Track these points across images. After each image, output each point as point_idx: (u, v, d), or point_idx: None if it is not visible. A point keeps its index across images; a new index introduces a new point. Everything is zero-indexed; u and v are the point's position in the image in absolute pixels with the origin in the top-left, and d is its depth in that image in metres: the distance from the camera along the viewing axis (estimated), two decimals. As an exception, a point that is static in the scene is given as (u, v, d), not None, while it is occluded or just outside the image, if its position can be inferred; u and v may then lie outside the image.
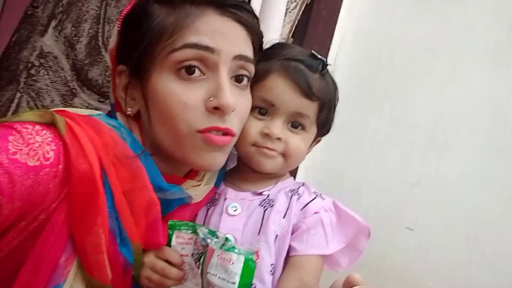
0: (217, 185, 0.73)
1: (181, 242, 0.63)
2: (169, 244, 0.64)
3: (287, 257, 0.66)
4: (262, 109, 0.69)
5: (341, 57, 1.19)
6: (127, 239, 0.59)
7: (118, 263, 0.59)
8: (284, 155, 0.69)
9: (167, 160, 0.64)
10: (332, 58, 1.17)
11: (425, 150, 1.10)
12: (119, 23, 0.64)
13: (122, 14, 0.64)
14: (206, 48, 0.58)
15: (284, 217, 0.67)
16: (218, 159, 0.63)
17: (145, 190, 0.60)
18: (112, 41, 0.65)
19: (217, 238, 0.61)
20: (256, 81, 0.67)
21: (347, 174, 1.16)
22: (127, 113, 0.63)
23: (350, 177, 1.15)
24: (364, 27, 1.20)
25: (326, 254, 0.67)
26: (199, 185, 0.69)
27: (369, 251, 0.71)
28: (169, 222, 0.63)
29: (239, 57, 0.61)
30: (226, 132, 0.61)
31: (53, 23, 1.20)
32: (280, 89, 0.67)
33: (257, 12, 0.93)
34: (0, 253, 0.53)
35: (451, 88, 1.10)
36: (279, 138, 0.68)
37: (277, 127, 0.68)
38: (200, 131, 0.60)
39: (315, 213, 0.67)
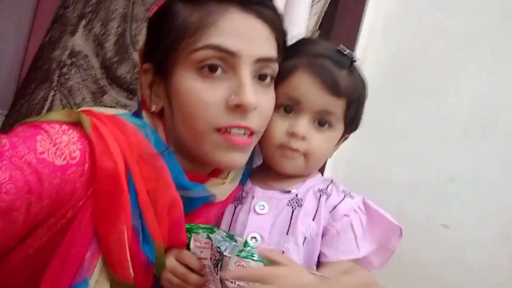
0: (243, 183, 0.73)
1: (198, 246, 0.62)
2: (188, 247, 0.63)
3: (318, 262, 0.65)
4: (287, 106, 0.67)
5: (370, 50, 1.15)
6: (149, 237, 0.60)
7: (140, 261, 0.59)
8: (305, 155, 0.68)
9: (190, 157, 0.64)
10: (360, 51, 1.13)
11: (460, 145, 1.05)
12: (148, 22, 0.65)
13: (150, 13, 0.65)
14: (228, 51, 0.58)
15: (313, 219, 0.66)
16: (239, 159, 0.63)
17: (168, 189, 0.60)
18: (142, 40, 0.66)
19: (235, 242, 0.60)
20: (281, 79, 0.66)
21: (378, 169, 1.12)
22: (152, 110, 0.64)
23: (381, 172, 1.12)
24: (394, 18, 1.16)
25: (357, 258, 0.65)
26: (223, 183, 0.69)
27: (402, 248, 0.68)
28: (186, 226, 0.63)
29: (261, 59, 0.61)
30: (247, 131, 0.61)
31: (83, 23, 1.24)
32: (306, 86, 0.66)
33: (282, 5, 0.92)
34: (30, 249, 0.55)
35: (488, 80, 1.05)
36: (303, 137, 0.66)
37: (302, 125, 0.66)
38: (221, 130, 0.60)
39: (345, 215, 0.66)
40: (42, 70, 1.23)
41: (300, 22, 0.92)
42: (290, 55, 0.67)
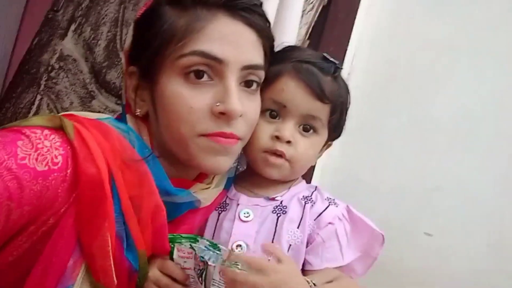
0: (227, 188, 0.72)
1: (182, 256, 0.62)
2: (171, 257, 0.63)
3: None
4: (273, 111, 0.68)
5: (358, 59, 1.17)
6: (133, 245, 0.59)
7: (124, 268, 0.58)
8: (290, 160, 0.68)
9: (175, 162, 0.64)
10: (349, 60, 1.15)
11: (445, 154, 1.07)
12: (134, 24, 0.64)
13: (137, 15, 0.64)
14: (214, 59, 0.58)
15: (298, 227, 0.66)
16: (224, 162, 0.63)
17: (152, 195, 0.59)
18: (128, 42, 0.66)
19: (219, 251, 0.59)
20: (267, 84, 0.66)
21: (364, 177, 1.14)
22: (136, 113, 0.63)
23: (367, 180, 1.13)
24: (382, 28, 1.18)
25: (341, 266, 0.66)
26: (208, 188, 0.68)
27: (387, 256, 0.69)
28: (169, 236, 0.62)
29: (248, 67, 0.61)
30: (232, 137, 0.61)
31: (72, 27, 1.23)
32: (291, 90, 0.66)
33: (273, 15, 0.93)
34: (10, 257, 0.54)
35: (473, 90, 1.07)
36: (289, 142, 0.67)
37: (288, 129, 0.67)
38: (205, 136, 0.59)
39: (329, 223, 0.66)
40: (29, 73, 1.21)
41: (290, 32, 0.93)
42: (276, 61, 0.67)
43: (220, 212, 0.70)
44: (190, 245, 0.61)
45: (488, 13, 1.08)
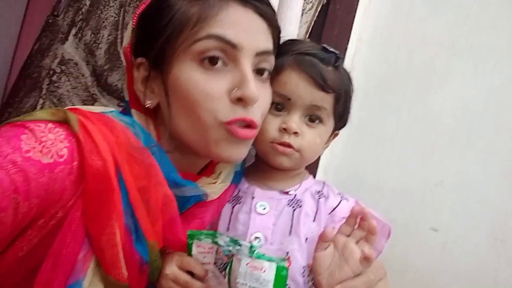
0: (235, 182, 0.73)
1: (201, 252, 0.62)
2: (189, 254, 0.62)
3: None
4: (278, 104, 0.69)
5: (358, 58, 1.18)
6: (142, 236, 0.59)
7: (134, 260, 0.58)
8: (299, 150, 0.69)
9: (183, 155, 0.64)
10: (349, 59, 1.16)
11: (447, 150, 1.07)
12: (135, 19, 0.64)
13: (138, 12, 0.65)
14: (229, 43, 0.58)
15: (314, 220, 0.68)
16: (241, 152, 0.63)
17: (160, 186, 0.59)
18: (126, 39, 0.66)
19: (240, 246, 0.60)
20: (270, 77, 0.67)
21: (367, 174, 1.14)
22: (146, 106, 0.62)
23: (370, 177, 1.13)
24: (381, 27, 1.18)
25: None
26: (214, 182, 0.69)
27: (392, 252, 0.69)
28: (187, 232, 0.62)
29: (262, 53, 0.62)
30: (250, 124, 0.61)
31: (73, 31, 1.23)
32: (294, 82, 0.67)
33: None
34: (20, 252, 0.54)
35: (472, 86, 1.08)
36: (296, 133, 0.68)
37: (294, 121, 0.68)
38: (226, 123, 0.59)
39: (343, 217, 0.67)
40: (31, 78, 1.22)
41: (291, 31, 0.93)
42: (278, 55, 0.68)
43: (234, 205, 0.71)
44: (212, 240, 0.61)
45: (486, 10, 1.09)
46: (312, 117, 0.69)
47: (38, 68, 1.21)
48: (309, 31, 1.08)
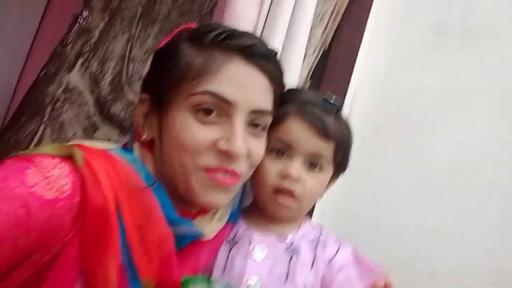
0: (232, 221, 0.73)
1: None
2: None
3: None
4: (280, 150, 0.70)
5: (357, 102, 1.21)
6: (137, 274, 0.58)
7: None
8: (299, 199, 0.70)
9: (175, 193, 0.64)
10: (348, 103, 1.19)
11: (443, 195, 1.09)
12: (154, 54, 0.67)
13: (159, 45, 0.67)
14: (224, 100, 0.60)
15: (311, 269, 0.68)
16: (222, 199, 0.64)
17: (158, 224, 0.60)
18: (146, 72, 0.68)
19: None
20: (273, 124, 0.69)
21: (364, 218, 1.14)
22: (143, 138, 0.64)
23: (367, 221, 1.13)
24: (380, 73, 1.22)
25: None
26: (211, 221, 0.69)
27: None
28: (183, 278, 0.61)
29: (256, 111, 0.63)
30: (232, 174, 0.62)
31: (80, 60, 1.26)
32: (297, 131, 0.69)
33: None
34: (10, 286, 0.53)
35: (468, 135, 1.10)
36: (296, 179, 0.69)
37: (295, 167, 0.69)
38: (206, 169, 0.61)
39: (340, 268, 0.68)
40: (34, 104, 1.23)
41: (293, 74, 0.96)
42: (282, 103, 0.70)
43: (230, 248, 0.70)
44: (207, 285, 0.60)
45: (482, 60, 1.13)
46: (313, 164, 0.70)
47: (42, 95, 1.23)
48: (310, 74, 1.12)
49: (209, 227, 0.68)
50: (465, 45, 1.16)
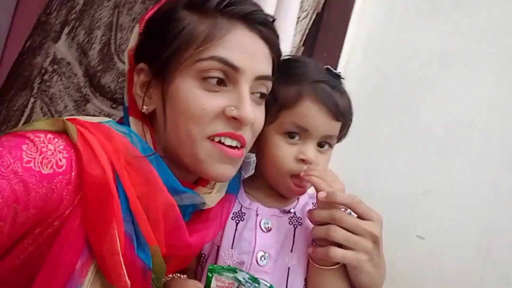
0: (233, 192, 0.73)
1: (220, 286, 0.62)
2: (208, 287, 0.63)
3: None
4: (292, 133, 0.70)
5: (351, 66, 1.19)
6: (144, 243, 0.59)
7: (136, 267, 0.59)
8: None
9: (178, 165, 0.64)
10: (342, 67, 1.17)
11: (436, 158, 1.10)
12: (142, 24, 0.65)
13: (146, 16, 0.65)
14: (232, 66, 0.60)
15: None
16: (228, 171, 0.64)
17: (159, 192, 0.60)
18: (132, 41, 0.66)
19: (258, 284, 0.61)
20: (288, 107, 0.69)
21: (357, 182, 1.15)
22: (143, 111, 0.64)
23: (360, 185, 1.15)
24: (374, 36, 1.20)
25: None
26: (210, 193, 0.69)
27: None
28: (208, 266, 0.63)
29: (261, 77, 0.64)
30: (239, 141, 0.63)
31: (66, 30, 1.22)
32: (313, 115, 0.69)
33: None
34: (16, 260, 0.54)
35: (462, 96, 1.10)
36: (315, 163, 0.70)
37: (312, 151, 0.70)
38: (214, 136, 0.61)
39: None
40: (22, 76, 1.20)
41: (286, 39, 0.94)
42: (292, 82, 0.69)
43: (237, 222, 0.72)
44: (233, 276, 0.62)
45: (475, 21, 1.12)
46: (322, 143, 0.72)
47: (29, 67, 1.20)
48: (304, 39, 1.10)
49: (209, 197, 0.68)
50: (460, 3, 1.13)
